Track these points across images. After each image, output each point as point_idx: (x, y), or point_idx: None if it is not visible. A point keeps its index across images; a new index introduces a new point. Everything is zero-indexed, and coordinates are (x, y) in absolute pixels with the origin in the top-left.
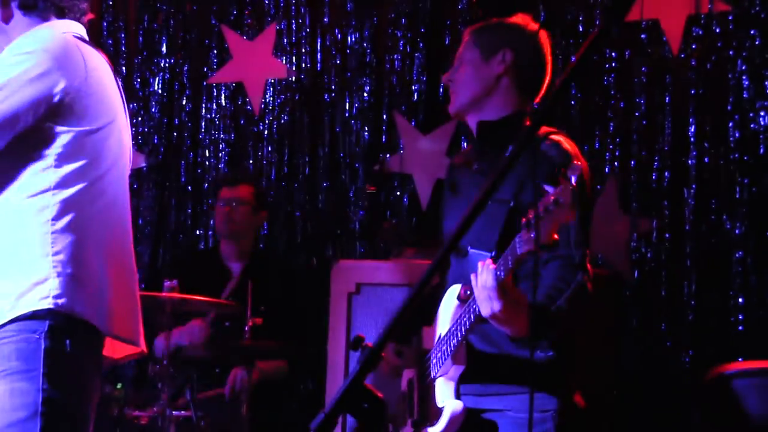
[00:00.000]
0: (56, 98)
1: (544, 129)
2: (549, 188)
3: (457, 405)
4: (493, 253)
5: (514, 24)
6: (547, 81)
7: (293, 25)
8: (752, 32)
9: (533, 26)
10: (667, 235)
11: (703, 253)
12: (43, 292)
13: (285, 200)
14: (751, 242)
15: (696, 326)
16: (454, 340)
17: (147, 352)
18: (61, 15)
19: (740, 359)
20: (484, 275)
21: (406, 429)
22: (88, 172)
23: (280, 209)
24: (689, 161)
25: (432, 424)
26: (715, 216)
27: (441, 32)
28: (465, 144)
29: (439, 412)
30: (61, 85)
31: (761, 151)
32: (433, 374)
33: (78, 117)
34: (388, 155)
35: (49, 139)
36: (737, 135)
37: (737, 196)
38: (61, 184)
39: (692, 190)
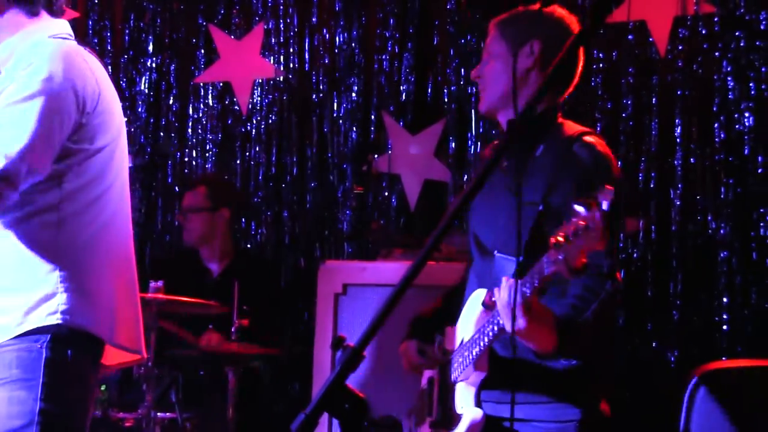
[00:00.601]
0: (80, 119)
1: (577, 128)
2: (580, 208)
3: (477, 413)
4: (520, 258)
5: (540, 13)
6: (579, 70)
7: (281, 25)
8: (737, 33)
9: (560, 13)
10: (653, 236)
11: (688, 253)
12: (51, 307)
13: (273, 200)
14: (736, 243)
15: (682, 326)
16: (476, 349)
17: (146, 357)
18: (50, 10)
19: (725, 358)
20: (507, 293)
21: (423, 427)
22: (92, 188)
23: (268, 209)
24: (675, 162)
25: (449, 430)
26: (701, 216)
27: (429, 32)
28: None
29: (458, 418)
30: (81, 107)
31: (746, 151)
32: (453, 377)
33: (90, 136)
34: (376, 155)
35: (58, 157)
36: (723, 136)
37: (722, 196)
38: (66, 201)
39: (678, 191)
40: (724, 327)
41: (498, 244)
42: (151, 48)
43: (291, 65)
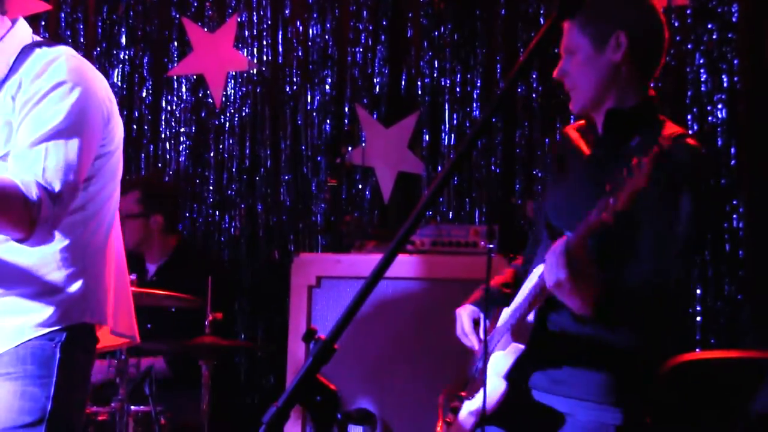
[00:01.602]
0: (107, 126)
1: (679, 129)
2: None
3: (500, 384)
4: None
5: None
6: (666, 50)
7: (254, 18)
8: (710, 26)
9: None
10: None
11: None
12: (74, 307)
13: (247, 193)
14: (709, 234)
15: None
16: (518, 313)
17: (139, 342)
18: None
19: (698, 350)
20: (555, 247)
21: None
22: (107, 188)
23: (242, 202)
24: None
25: (470, 398)
26: None
27: (403, 25)
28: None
29: (480, 385)
30: (107, 116)
31: (719, 143)
32: (491, 347)
33: (110, 139)
34: (350, 148)
35: None
36: (696, 128)
37: None
38: (90, 201)
39: None
40: (698, 318)
41: (570, 223)
42: (124, 41)
43: (264, 58)
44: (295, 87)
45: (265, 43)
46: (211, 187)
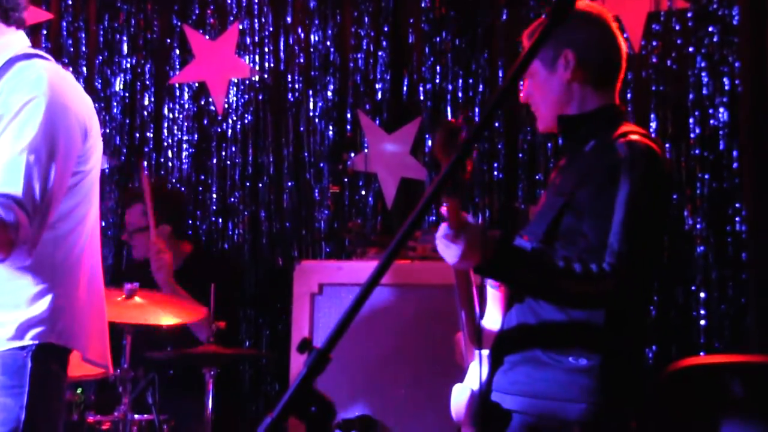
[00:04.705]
0: (84, 146)
1: (630, 129)
2: None
3: (462, 391)
4: (538, 245)
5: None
6: (624, 59)
7: (256, 25)
8: (711, 29)
9: (584, 7)
10: None
11: (665, 248)
12: (44, 324)
13: (250, 201)
14: (712, 238)
15: (659, 322)
16: (465, 319)
17: (112, 373)
18: (6, 20)
19: (703, 354)
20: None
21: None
22: (82, 207)
23: (245, 210)
24: None
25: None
26: (676, 212)
27: (404, 30)
28: (430, 143)
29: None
30: (83, 134)
31: (721, 146)
32: (470, 359)
33: (86, 158)
34: (352, 154)
35: None
36: (698, 131)
37: (698, 191)
38: (61, 220)
39: None
40: (702, 322)
41: (528, 231)
42: (125, 49)
43: (266, 65)
44: (297, 94)
45: (266, 50)
46: (214, 195)
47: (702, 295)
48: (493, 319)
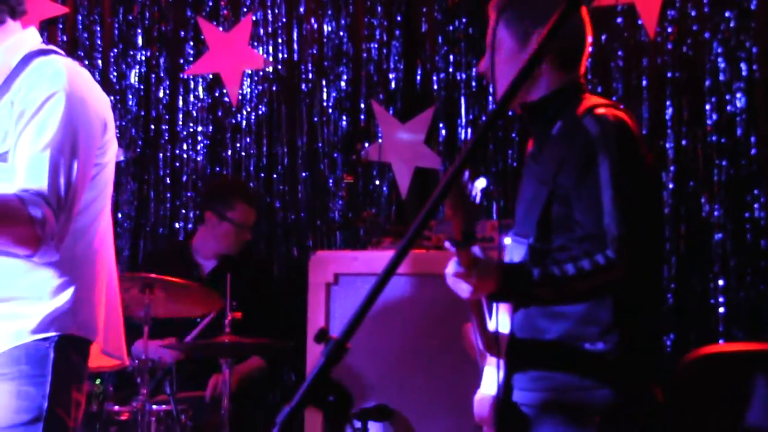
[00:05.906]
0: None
1: (594, 101)
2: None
3: (483, 396)
4: (530, 240)
5: None
6: (588, 44)
7: (269, 16)
8: (727, 14)
9: None
10: None
11: (682, 236)
12: (66, 316)
13: (264, 191)
14: (730, 225)
15: (677, 310)
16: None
17: (128, 364)
18: (12, 15)
19: (722, 341)
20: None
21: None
22: (100, 200)
23: (259, 200)
24: (667, 144)
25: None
26: (693, 199)
27: (417, 20)
28: (443, 131)
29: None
30: (102, 129)
31: (738, 133)
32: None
33: (104, 151)
34: (366, 144)
35: None
36: (714, 117)
37: (715, 178)
38: (82, 213)
39: (671, 174)
40: (721, 310)
41: (516, 226)
42: (140, 41)
43: (280, 56)
44: (310, 84)
45: (280, 40)
46: None
47: (720, 282)
48: (504, 322)
